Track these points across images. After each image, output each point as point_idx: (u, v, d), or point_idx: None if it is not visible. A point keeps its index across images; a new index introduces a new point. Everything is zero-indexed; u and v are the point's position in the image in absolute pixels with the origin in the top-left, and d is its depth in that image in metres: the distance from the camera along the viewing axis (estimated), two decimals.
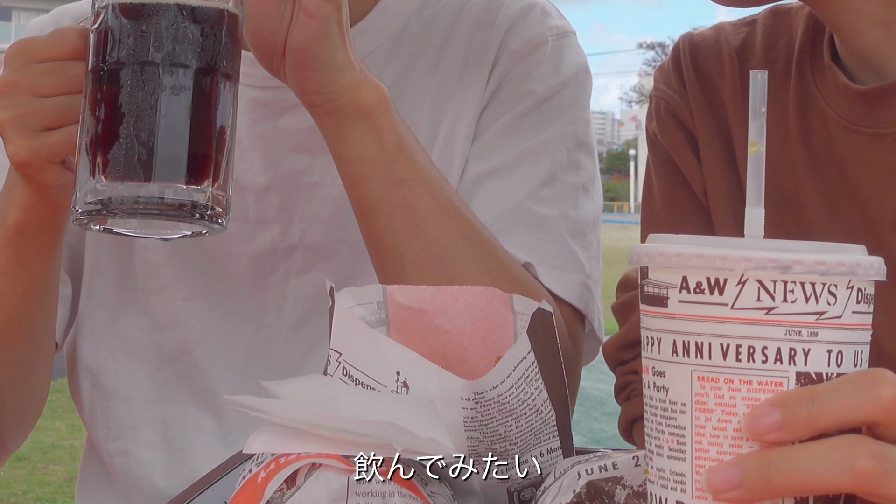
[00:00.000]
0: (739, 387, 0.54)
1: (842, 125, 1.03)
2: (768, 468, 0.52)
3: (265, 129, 1.20)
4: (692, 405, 0.55)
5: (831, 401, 0.53)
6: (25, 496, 4.90)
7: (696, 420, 0.55)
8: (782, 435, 0.53)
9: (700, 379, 0.55)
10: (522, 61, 1.21)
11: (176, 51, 0.84)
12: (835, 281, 0.54)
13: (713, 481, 0.53)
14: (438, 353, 0.82)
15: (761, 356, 0.54)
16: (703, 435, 0.55)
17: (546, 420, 0.77)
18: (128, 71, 0.84)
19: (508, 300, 0.84)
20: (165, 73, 0.84)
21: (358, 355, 0.78)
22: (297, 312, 1.23)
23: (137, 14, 0.84)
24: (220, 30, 0.86)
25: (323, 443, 0.69)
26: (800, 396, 0.53)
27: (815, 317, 0.54)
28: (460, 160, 1.20)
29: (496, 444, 0.76)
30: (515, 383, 0.75)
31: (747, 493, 0.52)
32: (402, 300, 0.83)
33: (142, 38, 0.84)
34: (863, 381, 0.54)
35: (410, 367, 0.76)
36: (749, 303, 0.54)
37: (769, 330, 0.54)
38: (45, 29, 1.27)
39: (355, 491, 0.66)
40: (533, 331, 0.76)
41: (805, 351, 0.54)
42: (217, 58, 0.86)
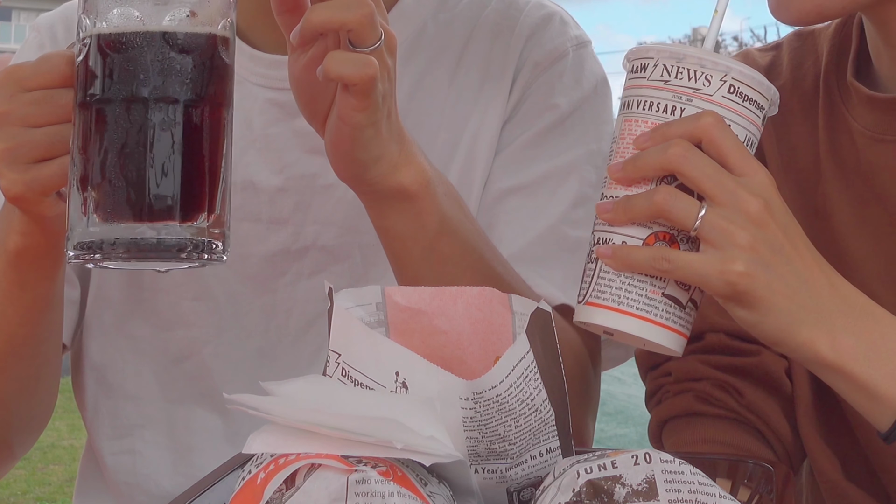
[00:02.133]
0: (641, 125, 0.86)
1: (867, 136, 1.05)
2: (634, 158, 0.85)
3: (280, 131, 1.19)
4: (618, 136, 0.88)
5: (677, 124, 0.84)
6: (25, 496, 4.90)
7: (617, 144, 0.87)
8: (648, 144, 0.84)
9: (626, 121, 0.87)
10: (545, 73, 1.21)
11: (163, 84, 0.81)
12: (711, 72, 0.84)
13: (610, 169, 0.87)
14: (437, 353, 0.82)
15: (656, 108, 0.86)
16: (618, 152, 0.87)
17: (545, 420, 0.78)
18: (114, 107, 0.82)
19: (507, 300, 0.84)
20: (153, 108, 0.81)
21: (357, 356, 0.78)
22: (306, 314, 1.23)
23: (121, 46, 0.81)
24: (210, 57, 0.84)
25: (322, 443, 0.69)
26: (663, 124, 0.85)
27: (692, 90, 0.85)
28: (483, 172, 1.20)
29: (495, 444, 0.76)
30: (514, 383, 0.75)
31: (623, 174, 0.85)
32: (401, 301, 0.83)
33: (127, 73, 0.81)
34: (696, 114, 0.84)
35: (409, 367, 0.76)
36: (656, 77, 0.86)
37: (664, 94, 0.85)
38: (54, 26, 1.26)
39: (355, 491, 0.66)
40: (532, 331, 0.76)
41: (682, 109, 0.85)
42: (207, 87, 0.83)
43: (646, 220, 0.85)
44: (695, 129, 0.83)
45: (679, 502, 0.67)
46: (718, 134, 0.83)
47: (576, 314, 0.89)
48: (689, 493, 0.67)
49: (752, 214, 0.83)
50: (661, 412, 1.19)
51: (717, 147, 0.83)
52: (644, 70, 0.87)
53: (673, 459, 0.69)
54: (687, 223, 0.83)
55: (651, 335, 0.85)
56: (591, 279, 0.87)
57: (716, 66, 0.85)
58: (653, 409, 1.21)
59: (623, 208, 0.85)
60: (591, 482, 0.69)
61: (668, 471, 0.68)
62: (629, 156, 0.86)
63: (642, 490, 0.68)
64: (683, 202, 0.83)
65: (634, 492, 0.68)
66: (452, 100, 1.21)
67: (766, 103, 0.87)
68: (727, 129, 0.84)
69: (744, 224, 0.82)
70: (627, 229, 0.85)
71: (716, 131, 0.83)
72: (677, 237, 0.85)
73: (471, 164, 1.20)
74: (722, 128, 0.84)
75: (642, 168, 0.84)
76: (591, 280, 0.87)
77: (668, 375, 1.19)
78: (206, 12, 0.84)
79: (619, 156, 0.87)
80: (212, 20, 0.84)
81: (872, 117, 1.05)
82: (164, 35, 0.82)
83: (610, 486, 0.68)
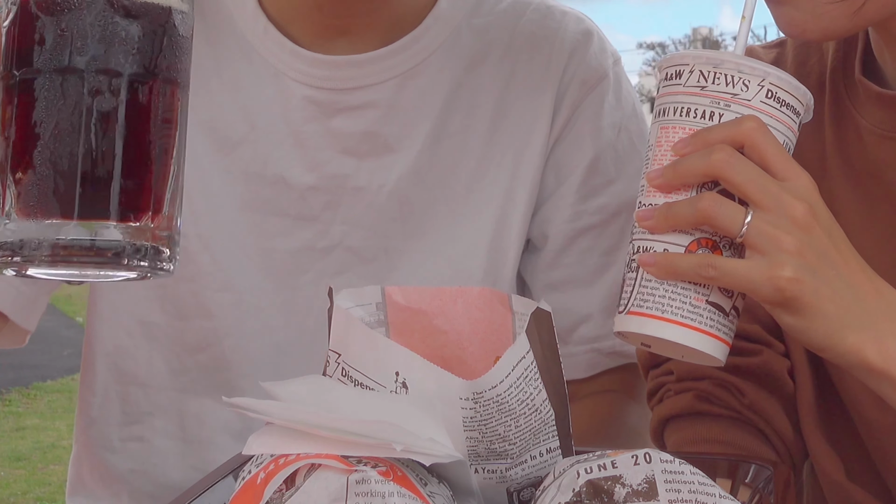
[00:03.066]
0: (678, 131, 0.85)
1: (876, 133, 1.05)
2: (675, 164, 0.84)
3: (315, 129, 1.19)
4: (654, 143, 0.86)
5: (718, 129, 0.83)
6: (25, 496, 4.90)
7: (654, 152, 0.86)
8: (689, 150, 0.83)
9: (662, 129, 0.86)
10: (591, 92, 1.22)
11: (105, 54, 0.68)
12: (749, 77, 0.84)
13: (649, 176, 0.85)
14: (437, 353, 0.82)
15: (694, 114, 0.85)
16: (656, 160, 0.86)
17: (545, 420, 0.77)
18: (44, 80, 0.68)
19: (507, 300, 0.84)
20: (90, 82, 0.68)
21: (357, 356, 0.78)
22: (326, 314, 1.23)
23: (56, 7, 0.68)
24: (162, 26, 0.71)
25: (322, 443, 0.69)
26: (703, 129, 0.84)
27: (730, 96, 0.84)
28: (531, 186, 1.21)
29: (495, 444, 0.76)
30: (514, 383, 0.75)
31: (664, 180, 0.84)
32: (401, 301, 0.84)
33: (61, 39, 0.68)
34: (737, 119, 0.83)
35: (409, 367, 0.76)
36: (692, 83, 0.85)
37: (701, 99, 0.85)
38: None
39: (355, 491, 0.66)
40: (532, 331, 0.76)
41: (720, 114, 0.84)
42: (157, 60, 0.70)
43: (689, 228, 0.83)
44: (737, 134, 0.83)
45: (679, 502, 0.67)
46: (761, 138, 0.82)
47: (616, 324, 0.87)
48: (689, 493, 0.67)
49: (797, 219, 0.82)
50: (662, 410, 1.19)
51: (759, 152, 0.83)
52: (679, 77, 0.86)
53: (673, 459, 0.69)
54: (733, 230, 0.82)
55: (696, 343, 0.83)
56: (633, 288, 0.85)
57: (753, 70, 0.84)
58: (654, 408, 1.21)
59: (664, 216, 0.84)
60: (591, 482, 0.69)
61: (668, 471, 0.68)
62: (667, 162, 0.85)
63: (642, 490, 0.68)
64: (729, 209, 0.82)
65: (634, 492, 0.68)
66: (492, 110, 1.21)
67: (802, 108, 0.87)
68: (769, 133, 0.83)
69: (790, 229, 0.82)
70: (669, 236, 0.84)
71: (758, 136, 0.82)
72: (720, 243, 0.83)
73: (515, 178, 1.21)
74: (764, 132, 0.83)
75: (683, 174, 0.84)
76: (632, 289, 0.85)
77: (670, 374, 1.19)
78: None
79: (657, 163, 0.86)
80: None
81: (881, 114, 1.04)
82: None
83: (610, 486, 0.68)
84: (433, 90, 1.19)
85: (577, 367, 1.24)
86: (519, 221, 1.21)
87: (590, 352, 1.24)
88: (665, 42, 36.99)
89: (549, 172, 1.22)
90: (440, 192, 1.20)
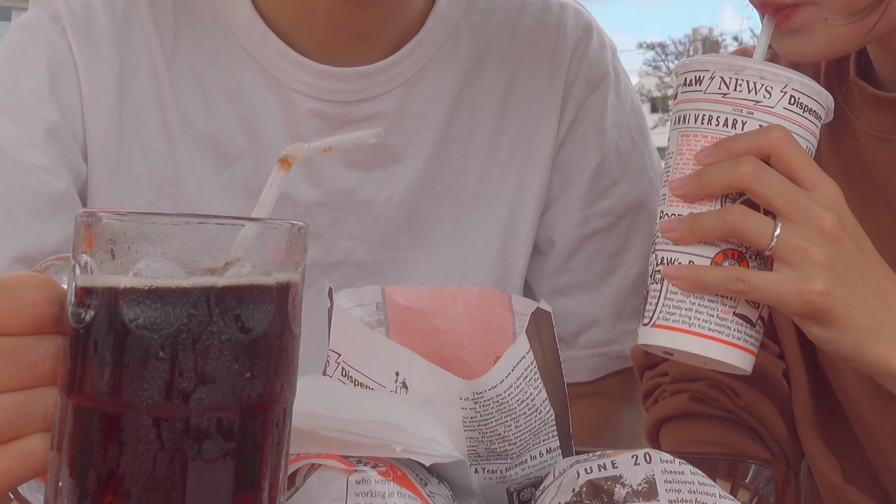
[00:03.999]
0: (700, 139, 0.84)
1: (872, 135, 1.04)
2: (699, 174, 0.83)
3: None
4: (675, 152, 0.86)
5: (743, 139, 0.82)
6: None
7: (675, 160, 0.85)
8: (713, 160, 0.83)
9: (682, 136, 0.85)
10: (595, 91, 1.21)
11: (216, 383, 0.54)
12: (772, 83, 0.83)
13: (672, 185, 0.84)
14: (437, 353, 0.82)
15: (716, 122, 0.84)
16: (678, 168, 0.85)
17: (545, 420, 0.77)
18: (134, 419, 0.54)
19: (507, 300, 0.84)
20: (196, 425, 0.54)
21: (357, 356, 0.78)
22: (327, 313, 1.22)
23: (153, 312, 0.54)
24: (282, 332, 0.57)
25: (322, 443, 0.69)
26: (727, 138, 0.83)
27: (753, 103, 0.83)
28: (539, 190, 1.19)
29: (495, 444, 0.76)
30: (514, 383, 0.75)
31: (687, 190, 0.83)
32: (401, 301, 0.83)
33: (159, 363, 0.53)
34: (764, 129, 0.83)
35: (409, 367, 0.76)
36: (714, 89, 0.84)
37: (723, 107, 0.84)
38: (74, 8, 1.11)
39: (355, 491, 0.66)
40: (532, 331, 0.76)
41: (743, 122, 0.83)
42: (275, 379, 0.57)
43: (716, 240, 0.83)
44: (763, 145, 0.82)
45: (679, 502, 0.67)
46: (787, 149, 0.82)
47: (641, 337, 0.86)
48: (688, 493, 0.68)
49: (826, 230, 0.81)
50: (657, 412, 1.19)
51: (786, 162, 0.82)
52: (699, 83, 0.85)
53: (673, 459, 0.69)
54: (762, 243, 0.81)
55: (724, 356, 0.83)
56: (657, 301, 0.84)
57: (776, 77, 0.83)
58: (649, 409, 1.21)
59: (690, 228, 0.83)
60: (591, 482, 0.69)
61: (668, 471, 0.69)
62: (690, 171, 0.84)
63: (642, 490, 0.68)
64: (757, 221, 0.81)
65: (634, 492, 0.68)
66: (498, 107, 1.19)
67: (823, 112, 0.86)
68: (795, 143, 0.82)
69: (819, 241, 0.81)
70: (694, 248, 0.83)
71: (785, 146, 0.82)
72: (746, 254, 0.83)
73: (522, 182, 1.19)
74: (790, 142, 0.82)
75: (708, 185, 0.83)
76: (657, 301, 0.84)
77: (665, 375, 1.19)
78: (275, 261, 0.58)
79: (679, 171, 0.85)
80: (288, 273, 0.58)
81: (877, 116, 1.04)
82: (219, 293, 0.55)
83: (610, 486, 0.68)
84: (437, 95, 1.16)
85: (581, 370, 1.23)
86: (527, 227, 1.19)
87: (597, 356, 1.23)
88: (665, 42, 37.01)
89: (555, 176, 1.21)
90: (446, 199, 1.18)
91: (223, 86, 1.14)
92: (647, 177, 1.23)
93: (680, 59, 4.95)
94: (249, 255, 0.56)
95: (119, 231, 0.55)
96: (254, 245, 0.56)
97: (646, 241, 1.23)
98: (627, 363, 1.25)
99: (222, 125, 1.14)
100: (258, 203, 0.61)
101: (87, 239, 0.55)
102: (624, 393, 1.28)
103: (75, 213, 0.58)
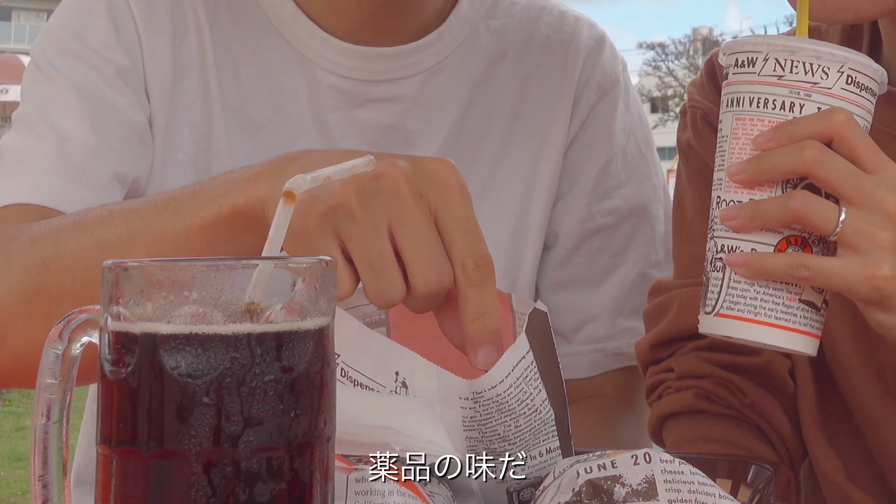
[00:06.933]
0: (757, 123, 0.82)
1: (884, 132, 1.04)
2: (759, 159, 0.81)
3: (340, 119, 1.20)
4: (730, 135, 0.84)
5: (804, 123, 0.81)
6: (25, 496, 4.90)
7: (731, 144, 0.84)
8: (772, 144, 0.81)
9: (737, 119, 0.83)
10: (605, 96, 1.25)
11: (263, 424, 0.54)
12: (828, 64, 0.81)
13: (730, 170, 0.82)
14: (437, 353, 0.82)
15: (772, 105, 0.82)
16: (733, 153, 0.83)
17: (545, 420, 0.78)
18: (184, 467, 0.54)
19: (507, 300, 0.84)
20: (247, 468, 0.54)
21: (356, 356, 0.78)
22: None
23: (194, 358, 0.54)
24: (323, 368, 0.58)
25: None
26: (787, 122, 0.81)
27: (810, 85, 0.81)
28: (549, 185, 1.22)
29: (495, 444, 0.76)
30: (514, 383, 0.75)
31: (747, 175, 0.81)
32: None
33: (205, 408, 0.53)
34: (826, 112, 0.81)
35: (409, 367, 0.77)
36: (768, 71, 0.82)
37: (779, 89, 0.82)
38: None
39: (355, 490, 0.67)
40: (531, 331, 0.76)
41: (801, 105, 0.81)
42: (318, 414, 0.57)
43: (779, 227, 0.81)
44: (827, 129, 0.80)
45: (679, 502, 0.67)
46: (851, 133, 0.80)
47: (703, 326, 0.85)
48: (688, 492, 0.68)
49: (891, 214, 0.80)
50: (661, 408, 1.18)
51: (849, 146, 0.80)
52: (752, 64, 0.83)
53: (672, 459, 0.69)
54: (827, 228, 0.80)
55: (791, 344, 0.83)
56: (720, 289, 0.83)
57: (833, 57, 0.81)
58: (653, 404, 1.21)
59: (752, 215, 0.81)
60: (590, 482, 0.69)
61: (667, 471, 0.69)
62: (747, 156, 0.82)
63: (642, 490, 0.68)
64: (822, 207, 0.80)
65: (634, 492, 0.68)
66: (510, 111, 1.23)
67: (878, 87, 0.85)
68: (858, 126, 0.81)
69: (884, 225, 0.80)
70: (756, 235, 0.82)
71: (848, 130, 0.80)
72: (809, 240, 0.82)
73: (534, 177, 1.23)
74: (853, 125, 0.81)
75: (769, 171, 0.81)
76: (719, 290, 0.83)
77: (670, 371, 1.19)
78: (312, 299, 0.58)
79: (736, 157, 0.83)
80: (321, 309, 0.58)
81: (890, 113, 1.04)
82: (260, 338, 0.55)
83: (610, 486, 0.68)
84: (455, 87, 1.20)
85: (579, 366, 1.25)
86: (538, 219, 1.23)
87: (594, 352, 1.25)
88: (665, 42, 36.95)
89: (564, 172, 1.24)
90: None
91: (252, 61, 1.20)
92: (652, 184, 1.27)
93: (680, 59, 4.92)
94: (284, 294, 0.56)
95: (153, 279, 0.55)
96: (287, 285, 0.57)
97: (647, 243, 1.25)
98: (624, 362, 1.26)
99: (249, 97, 1.19)
100: (268, 239, 0.62)
101: (118, 289, 0.56)
102: (624, 396, 1.28)
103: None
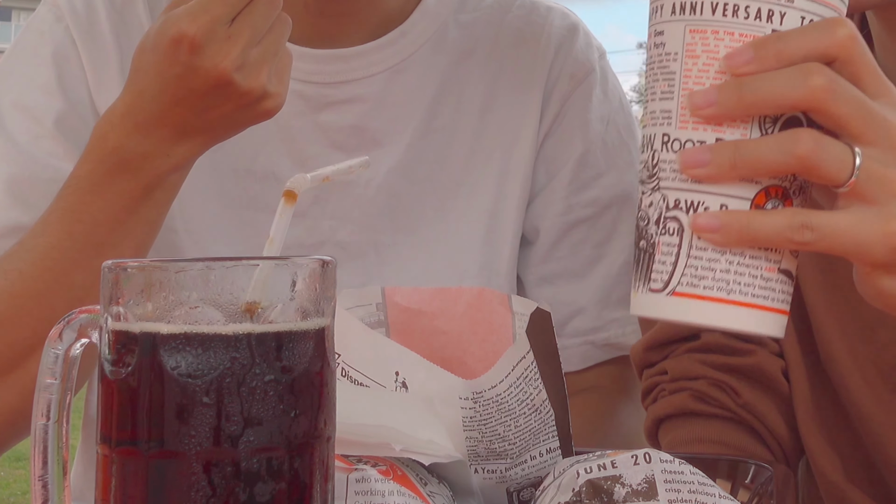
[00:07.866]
0: (723, 37, 0.62)
1: None
2: (740, 88, 0.61)
3: (304, 124, 1.20)
4: (683, 53, 0.63)
5: (797, 38, 0.62)
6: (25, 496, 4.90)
7: (684, 65, 0.63)
8: (754, 67, 0.61)
9: (691, 31, 0.63)
10: (579, 86, 1.23)
11: (263, 424, 0.54)
12: None
13: (695, 101, 0.62)
14: (437, 353, 0.82)
15: (744, 13, 0.62)
16: (689, 76, 0.63)
17: (545, 420, 0.78)
18: (184, 467, 0.53)
19: (507, 301, 0.84)
20: (247, 468, 0.53)
21: (357, 356, 0.78)
22: None
23: (195, 358, 0.53)
24: (322, 368, 0.57)
25: None
26: (771, 37, 0.62)
27: None
28: (522, 180, 1.21)
29: (495, 444, 0.76)
30: (514, 383, 0.75)
31: (721, 109, 0.61)
32: (401, 301, 0.84)
33: (205, 408, 0.53)
34: (824, 25, 0.62)
35: (409, 366, 0.77)
36: None
37: None
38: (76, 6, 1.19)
39: (355, 490, 0.67)
40: (532, 331, 0.76)
41: (781, 13, 0.62)
42: (318, 415, 0.56)
43: (769, 176, 0.62)
44: (829, 47, 0.62)
45: (679, 502, 0.67)
46: (858, 51, 0.63)
47: (647, 307, 0.65)
48: (688, 493, 0.68)
49: None
50: (656, 410, 1.19)
51: (854, 68, 0.63)
52: None
53: (673, 459, 0.69)
54: (840, 178, 0.62)
55: (770, 328, 0.64)
56: (675, 259, 0.63)
57: None
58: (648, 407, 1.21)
59: (731, 162, 0.61)
60: (590, 482, 0.69)
61: (667, 471, 0.69)
62: (713, 81, 0.62)
63: (642, 490, 0.68)
64: (835, 150, 0.62)
65: (634, 492, 0.68)
66: (479, 105, 1.22)
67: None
68: (864, 43, 0.64)
69: None
70: (726, 187, 0.62)
71: (855, 48, 0.63)
72: (790, 189, 0.63)
73: (506, 173, 1.22)
74: (860, 43, 0.63)
75: (757, 104, 0.61)
76: (674, 261, 0.63)
77: (664, 374, 1.19)
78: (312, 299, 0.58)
79: (694, 82, 0.63)
80: (321, 309, 0.58)
81: None
82: (260, 338, 0.54)
83: (610, 486, 0.69)
84: (421, 85, 1.19)
85: (570, 359, 1.25)
86: (512, 215, 1.22)
87: (584, 344, 1.25)
88: None
89: (540, 167, 1.23)
90: (429, 186, 1.21)
91: None
92: (635, 171, 1.25)
93: None
94: (284, 294, 0.56)
95: (153, 279, 0.55)
96: (288, 285, 0.57)
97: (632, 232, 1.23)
98: (615, 352, 1.26)
99: None
100: (269, 238, 0.62)
101: (118, 289, 0.55)
102: (620, 387, 1.29)
103: None
